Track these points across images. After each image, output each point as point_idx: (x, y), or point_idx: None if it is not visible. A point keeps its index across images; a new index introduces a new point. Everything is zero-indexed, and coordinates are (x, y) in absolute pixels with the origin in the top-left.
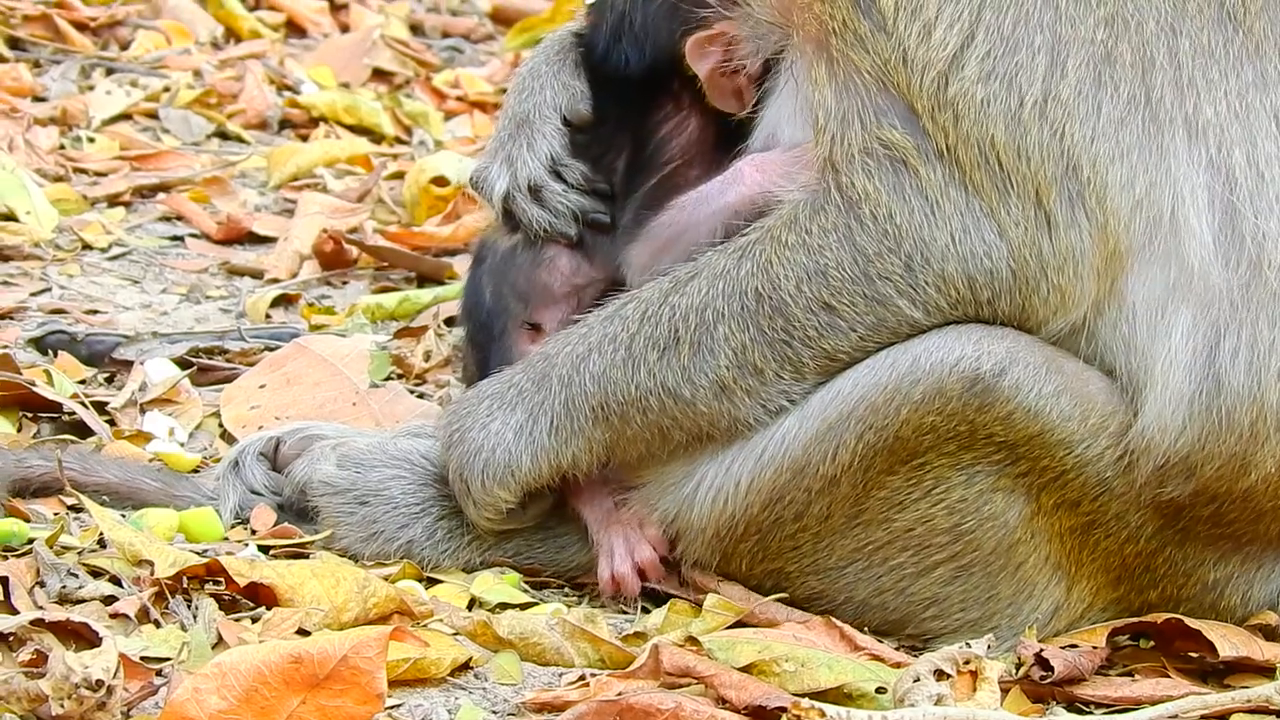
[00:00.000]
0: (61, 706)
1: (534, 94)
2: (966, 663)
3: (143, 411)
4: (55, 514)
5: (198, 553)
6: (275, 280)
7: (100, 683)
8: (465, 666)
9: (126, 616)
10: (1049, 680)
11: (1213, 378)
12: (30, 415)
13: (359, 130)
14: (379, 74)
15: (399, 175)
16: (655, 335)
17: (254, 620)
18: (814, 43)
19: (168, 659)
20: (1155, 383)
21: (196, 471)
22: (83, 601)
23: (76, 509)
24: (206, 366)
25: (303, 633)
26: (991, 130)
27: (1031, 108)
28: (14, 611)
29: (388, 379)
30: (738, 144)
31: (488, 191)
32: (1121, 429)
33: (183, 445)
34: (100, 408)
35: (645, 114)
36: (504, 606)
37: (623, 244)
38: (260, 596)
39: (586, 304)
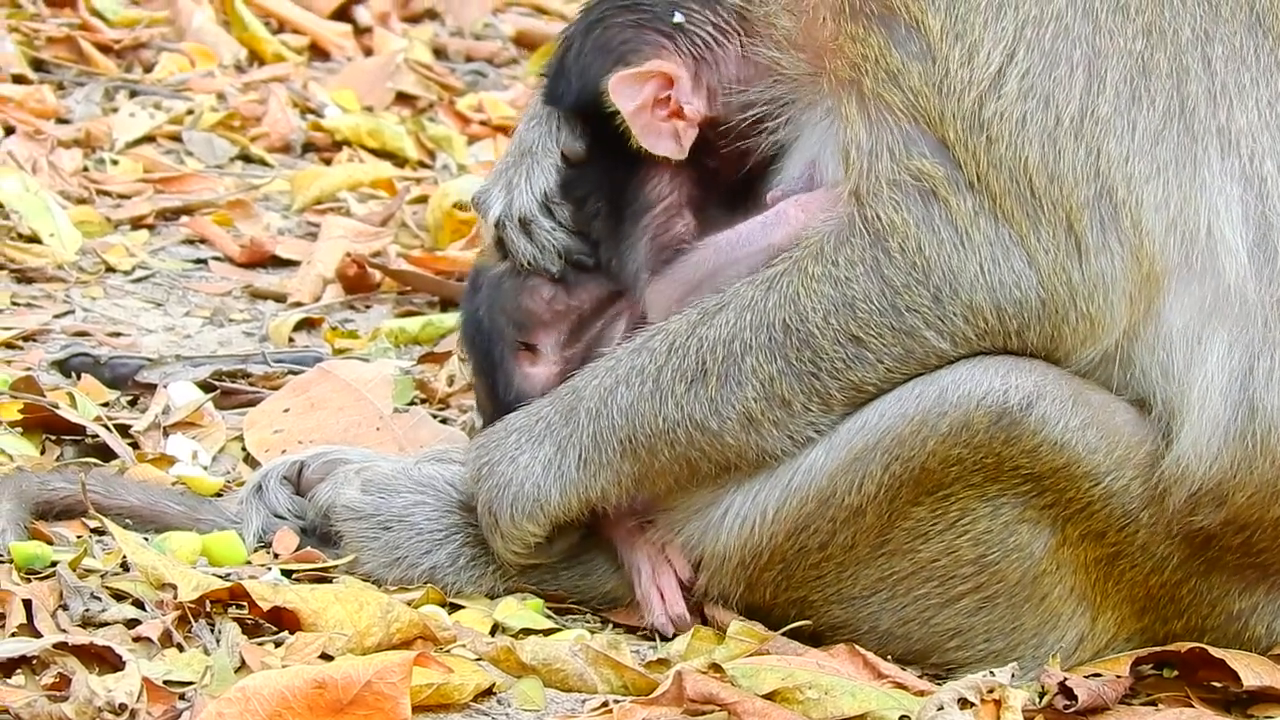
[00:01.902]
0: None
1: (541, 123)
2: (990, 691)
3: (166, 435)
4: (78, 537)
5: (221, 576)
6: (298, 304)
7: (123, 706)
8: (488, 692)
9: (149, 640)
10: (1072, 709)
11: (1247, 403)
12: (53, 438)
13: (382, 154)
14: (402, 98)
15: (422, 199)
16: (683, 367)
17: (277, 644)
18: (844, 84)
19: (190, 683)
20: (1192, 408)
21: (219, 495)
22: (106, 625)
23: (99, 532)
24: (230, 390)
25: (326, 657)
26: (1025, 152)
27: (1068, 126)
28: (37, 635)
29: (411, 404)
30: (726, 192)
31: (484, 213)
32: (1148, 460)
33: (206, 469)
34: (123, 431)
35: (617, 156)
36: (527, 632)
37: (639, 287)
38: (283, 621)
39: (579, 327)
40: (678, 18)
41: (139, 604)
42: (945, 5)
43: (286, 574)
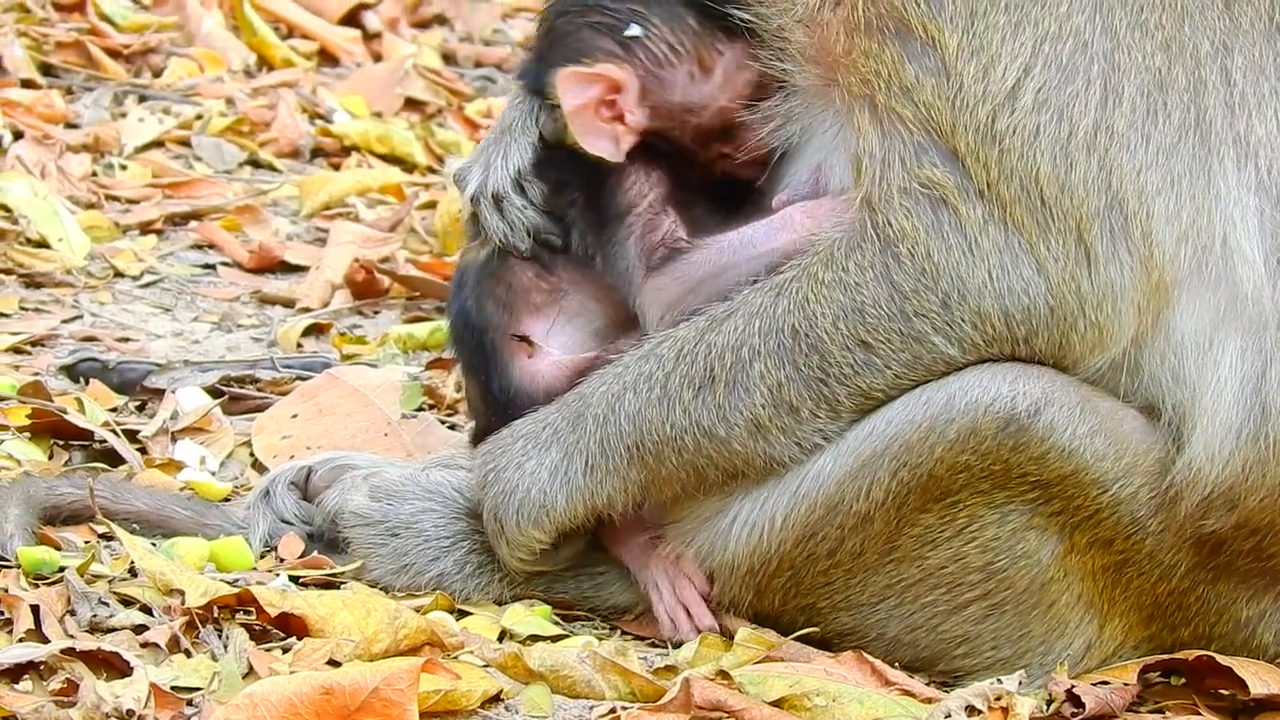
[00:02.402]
0: None
1: (523, 103)
2: (998, 699)
3: (174, 440)
4: (86, 542)
5: (228, 582)
6: (307, 309)
7: (131, 713)
8: (496, 699)
9: (157, 646)
10: (1080, 717)
11: (1260, 406)
12: (61, 443)
13: (391, 159)
14: (411, 103)
15: (431, 205)
16: (691, 374)
17: (285, 650)
18: (857, 96)
19: (198, 689)
20: (1204, 413)
21: (227, 501)
22: (113, 630)
23: (107, 537)
24: (238, 395)
25: (333, 663)
26: (1037, 163)
27: (1082, 138)
28: (45, 640)
29: (419, 409)
30: (710, 190)
31: (462, 188)
32: (1156, 468)
33: (214, 474)
34: (131, 436)
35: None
36: (535, 639)
37: (633, 286)
38: (291, 627)
39: (570, 313)
40: (633, 30)
41: (147, 609)
42: (963, 24)
43: (294, 580)
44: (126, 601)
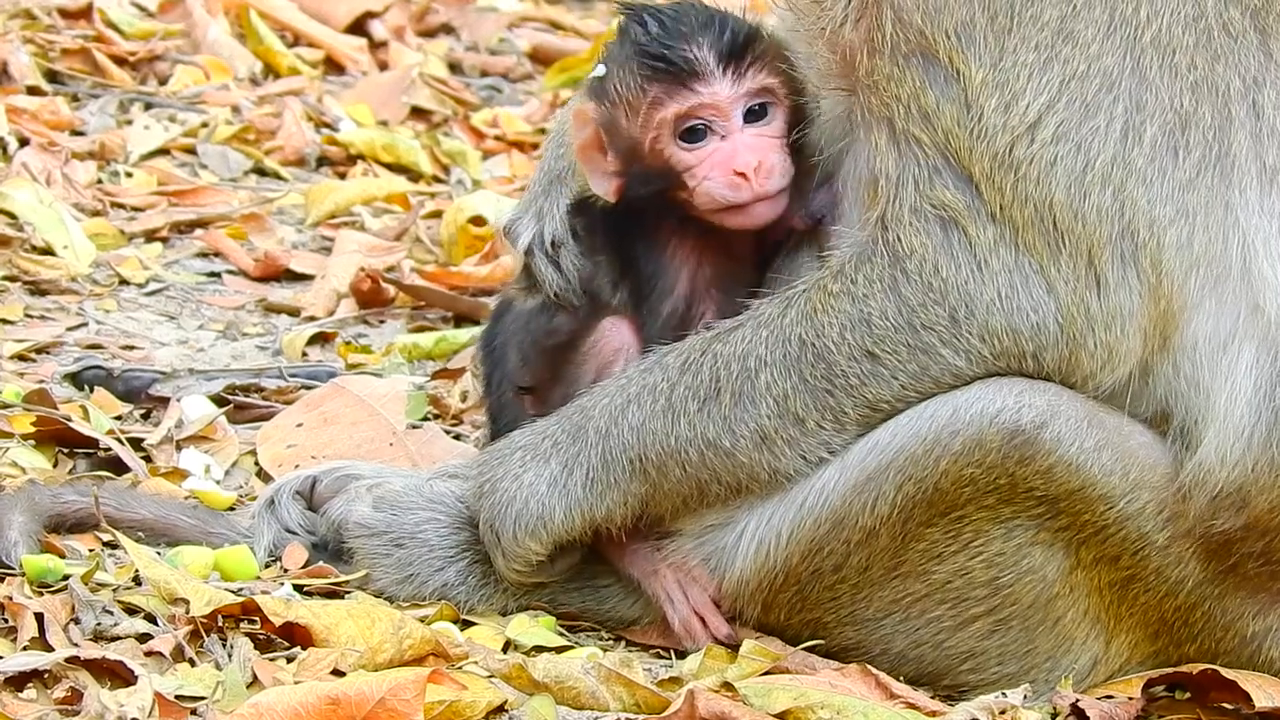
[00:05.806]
0: None
1: (569, 150)
2: (1003, 712)
3: (179, 448)
4: (90, 550)
5: (233, 591)
6: (312, 318)
7: None
8: (500, 709)
9: (161, 654)
10: None
11: (1273, 410)
12: (66, 451)
13: (397, 168)
14: (417, 112)
15: (437, 214)
16: (696, 385)
17: (289, 660)
18: (877, 118)
19: (203, 698)
20: (1217, 416)
21: (232, 509)
22: (118, 639)
23: (112, 546)
24: (243, 404)
25: (338, 673)
26: (1052, 192)
27: (1098, 170)
28: (49, 648)
29: (424, 419)
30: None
31: (514, 241)
32: (1163, 483)
33: (218, 483)
34: (136, 444)
35: (636, 204)
36: (539, 649)
37: None
38: (295, 636)
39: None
40: (599, 70)
41: (151, 618)
42: (991, 59)
43: (299, 589)
44: (131, 610)
